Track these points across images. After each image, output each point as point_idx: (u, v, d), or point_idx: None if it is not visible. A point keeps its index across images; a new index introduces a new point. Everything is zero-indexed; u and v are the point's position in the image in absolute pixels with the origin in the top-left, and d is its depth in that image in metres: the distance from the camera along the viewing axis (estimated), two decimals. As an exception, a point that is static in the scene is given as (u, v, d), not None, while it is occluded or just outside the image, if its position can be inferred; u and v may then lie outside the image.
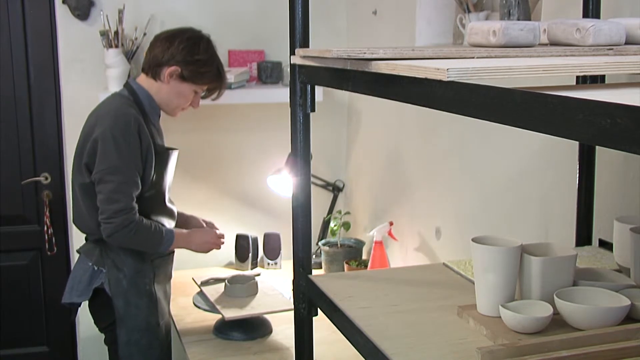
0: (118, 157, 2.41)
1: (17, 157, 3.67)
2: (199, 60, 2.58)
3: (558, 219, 2.10)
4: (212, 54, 2.64)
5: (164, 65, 2.57)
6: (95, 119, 2.51)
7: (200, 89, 2.65)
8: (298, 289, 1.65)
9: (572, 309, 1.30)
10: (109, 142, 2.41)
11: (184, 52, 2.56)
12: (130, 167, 2.44)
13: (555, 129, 0.74)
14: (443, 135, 2.71)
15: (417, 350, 1.27)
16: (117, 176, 2.41)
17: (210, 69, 2.62)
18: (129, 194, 2.43)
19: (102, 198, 2.42)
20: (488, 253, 1.37)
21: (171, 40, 2.58)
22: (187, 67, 2.57)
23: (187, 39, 2.59)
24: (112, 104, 2.54)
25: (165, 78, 2.58)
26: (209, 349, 2.61)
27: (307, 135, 1.60)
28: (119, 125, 2.43)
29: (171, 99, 2.63)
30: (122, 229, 2.41)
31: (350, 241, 3.29)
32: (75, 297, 2.56)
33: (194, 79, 2.60)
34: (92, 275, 2.54)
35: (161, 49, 2.58)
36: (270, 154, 3.54)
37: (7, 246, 3.76)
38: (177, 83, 2.59)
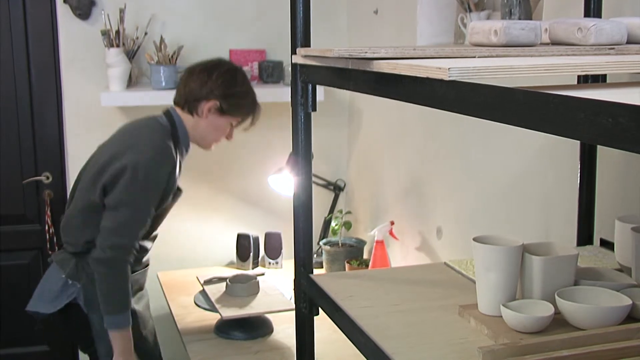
0: (140, 193, 2.37)
1: (18, 156, 3.68)
2: (238, 92, 2.56)
3: (559, 218, 2.10)
4: (249, 85, 2.62)
5: (202, 99, 2.52)
6: (129, 141, 2.43)
7: (236, 120, 2.61)
8: (299, 288, 1.65)
9: (574, 308, 1.30)
10: (137, 176, 2.35)
11: (222, 85, 2.52)
12: (147, 207, 2.40)
13: (556, 129, 0.74)
14: (444, 135, 2.71)
15: (418, 350, 1.27)
16: (132, 211, 2.37)
17: (247, 100, 2.60)
18: (135, 232, 2.38)
19: (109, 226, 2.36)
20: (489, 252, 1.37)
21: (208, 74, 2.53)
22: (225, 100, 2.53)
23: (224, 72, 2.55)
24: (153, 134, 2.47)
25: (204, 113, 2.53)
26: (210, 348, 2.61)
27: (308, 135, 1.60)
28: (155, 163, 2.39)
29: (208, 133, 2.59)
30: (111, 263, 2.35)
31: (351, 240, 3.29)
32: (41, 307, 2.48)
33: (233, 112, 2.56)
34: (63, 288, 2.46)
35: (198, 83, 2.53)
36: (271, 153, 3.54)
37: (8, 245, 3.77)
38: (215, 117, 2.55)
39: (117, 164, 2.37)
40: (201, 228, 3.58)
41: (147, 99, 3.20)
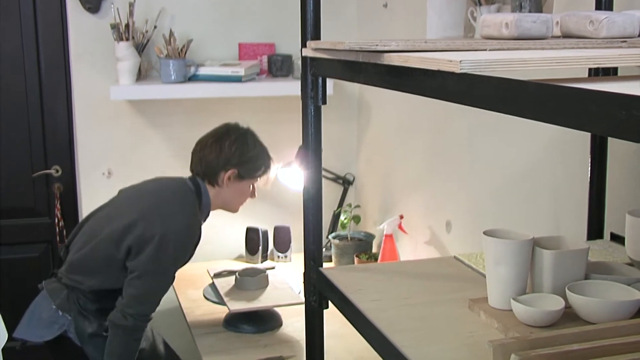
0: (167, 264, 2.41)
1: (28, 149, 3.69)
2: (252, 156, 2.61)
3: (569, 212, 2.09)
4: (260, 144, 2.68)
5: (220, 170, 2.58)
6: (160, 208, 2.44)
7: (257, 180, 2.67)
8: (309, 282, 1.65)
9: (584, 302, 1.30)
10: (167, 248, 2.37)
11: (237, 153, 2.58)
12: (172, 275, 2.45)
13: (569, 121, 0.73)
14: (454, 128, 2.71)
15: (427, 343, 1.27)
16: (158, 281, 2.41)
17: (263, 160, 2.65)
18: (158, 300, 2.42)
19: (134, 293, 2.37)
20: (500, 246, 1.37)
21: (220, 144, 2.59)
22: (242, 166, 2.59)
23: (235, 140, 2.59)
24: (186, 206, 2.50)
25: (225, 182, 2.58)
26: (219, 341, 2.61)
27: (318, 128, 1.59)
28: (184, 237, 2.44)
29: (233, 199, 2.66)
30: (131, 330, 2.37)
31: (360, 234, 3.29)
32: (30, 335, 2.48)
33: (252, 174, 2.63)
34: (54, 318, 2.47)
35: (214, 155, 2.58)
36: (280, 147, 3.53)
37: (19, 238, 3.78)
38: (235, 183, 2.61)
39: (145, 228, 2.39)
40: (210, 222, 3.55)
41: (157, 92, 3.20)
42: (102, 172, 3.45)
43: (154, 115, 3.43)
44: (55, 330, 2.46)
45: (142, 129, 3.43)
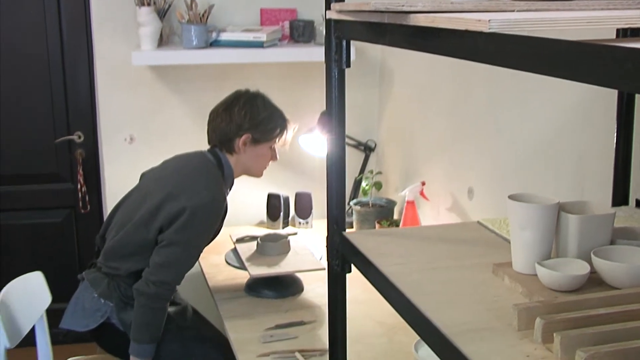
0: (194, 236, 2.43)
1: (51, 116, 3.70)
2: (264, 119, 2.61)
3: (594, 178, 2.07)
4: (272, 107, 2.67)
5: (234, 137, 2.59)
6: (185, 183, 2.48)
7: (274, 142, 2.66)
8: (332, 246, 1.65)
9: (610, 267, 1.29)
10: (194, 219, 2.40)
11: (247, 117, 2.58)
12: (198, 248, 2.48)
13: (602, 80, 0.72)
14: (476, 95, 2.68)
15: (451, 307, 1.27)
16: (183, 251, 2.42)
17: (276, 122, 2.65)
18: (182, 271, 2.45)
19: (158, 261, 2.41)
20: (525, 210, 1.36)
21: (230, 111, 2.60)
22: (256, 130, 2.59)
23: (244, 104, 2.60)
24: (210, 179, 2.52)
25: (240, 148, 2.59)
26: (241, 306, 2.63)
27: (342, 92, 1.58)
28: (211, 209, 2.46)
29: (253, 164, 2.66)
30: (153, 298, 2.40)
31: (381, 201, 3.29)
32: (75, 324, 2.52)
33: (267, 137, 2.63)
34: (96, 306, 2.50)
35: (226, 123, 2.59)
36: (302, 113, 3.52)
37: (42, 204, 3.82)
38: (252, 148, 2.62)
39: (173, 205, 2.42)
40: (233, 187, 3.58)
41: (178, 58, 3.20)
42: (124, 137, 3.46)
43: (176, 81, 3.43)
44: (98, 318, 2.50)
45: (163, 94, 3.43)
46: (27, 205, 3.81)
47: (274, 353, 2.24)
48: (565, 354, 1.05)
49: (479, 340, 1.14)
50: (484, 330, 1.17)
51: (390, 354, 2.24)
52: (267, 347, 2.30)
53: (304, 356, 2.21)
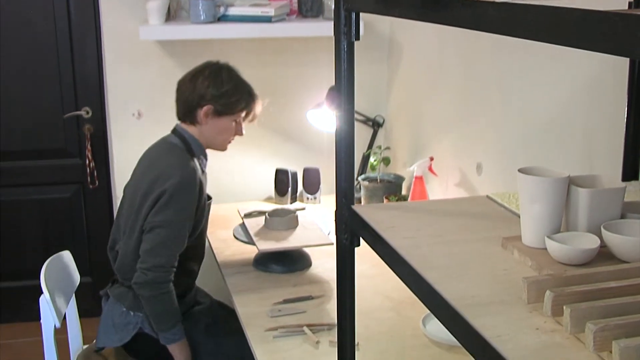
0: (174, 213, 2.42)
1: (59, 91, 3.70)
2: (227, 91, 2.56)
3: (603, 154, 2.06)
4: (237, 80, 2.61)
5: (196, 107, 2.55)
6: (153, 174, 2.47)
7: (239, 117, 2.62)
8: (340, 220, 1.64)
9: (620, 241, 1.28)
10: (171, 199, 2.41)
11: (210, 88, 2.54)
12: (182, 226, 2.45)
13: (616, 48, 0.71)
14: (485, 70, 2.67)
15: (461, 280, 1.26)
16: (167, 231, 2.42)
17: (240, 95, 2.59)
18: (172, 251, 2.43)
19: (146, 248, 2.42)
20: (535, 183, 1.35)
21: (194, 81, 2.56)
22: (218, 101, 2.55)
23: (208, 75, 2.56)
24: (173, 158, 2.51)
25: (202, 119, 2.56)
26: (249, 280, 2.63)
27: (351, 65, 1.57)
28: (183, 186, 2.43)
29: (215, 136, 2.62)
30: (153, 284, 2.40)
31: (389, 176, 3.28)
32: (110, 341, 2.56)
33: (229, 110, 2.58)
34: (127, 320, 2.53)
35: (188, 93, 2.56)
36: (310, 88, 3.52)
37: (51, 179, 3.83)
38: (215, 120, 2.58)
39: (150, 198, 2.43)
40: (240, 163, 3.58)
41: (186, 32, 3.19)
42: (132, 113, 3.46)
43: (183, 56, 3.42)
44: (131, 330, 2.53)
45: (171, 69, 3.42)
46: (35, 181, 3.82)
47: (282, 327, 2.25)
48: (574, 326, 1.04)
49: (488, 313, 1.13)
50: (493, 304, 1.17)
51: (398, 328, 2.25)
52: (275, 321, 2.30)
53: (312, 330, 2.22)
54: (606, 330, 1.00)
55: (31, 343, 3.66)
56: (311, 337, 2.18)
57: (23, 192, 3.81)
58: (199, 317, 2.62)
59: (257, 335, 2.22)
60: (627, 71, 1.82)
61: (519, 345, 1.04)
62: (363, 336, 2.15)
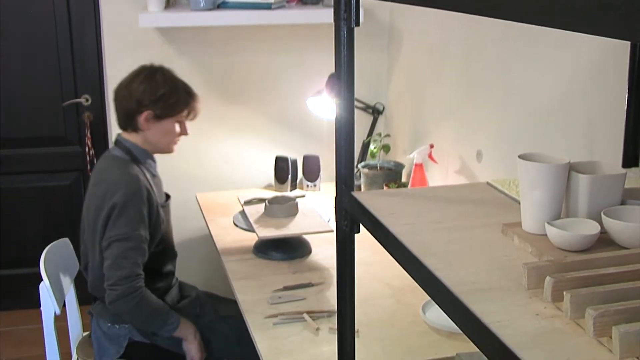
0: (126, 224, 2.40)
1: (58, 78, 3.70)
2: (164, 94, 2.52)
3: (604, 140, 2.06)
4: (173, 81, 2.58)
5: (135, 114, 2.52)
6: (104, 190, 2.45)
7: (181, 117, 2.59)
8: (340, 206, 1.64)
9: (620, 227, 1.28)
10: (120, 211, 2.40)
11: (146, 93, 2.50)
12: (138, 234, 2.42)
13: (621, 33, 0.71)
14: (486, 56, 2.66)
15: (461, 267, 1.26)
16: (124, 243, 2.40)
17: (178, 96, 2.56)
18: (134, 260, 2.40)
19: (108, 264, 2.41)
20: (536, 170, 1.35)
21: (129, 88, 2.53)
22: (156, 105, 2.52)
23: (143, 80, 2.53)
24: (118, 171, 2.49)
25: (143, 125, 2.53)
26: (249, 268, 2.63)
27: (351, 51, 1.56)
28: (129, 195, 2.42)
29: (160, 140, 2.59)
30: (125, 297, 2.38)
31: (389, 164, 3.28)
32: (107, 355, 2.56)
33: (169, 112, 2.55)
34: (116, 333, 2.55)
35: (126, 101, 2.53)
36: (310, 75, 3.51)
37: (50, 167, 3.82)
38: (156, 124, 2.55)
39: (102, 215, 2.42)
40: (239, 150, 3.58)
41: (186, 19, 3.18)
42: (131, 100, 3.44)
43: (183, 43, 3.41)
44: (122, 342, 2.54)
45: (171, 57, 3.41)
46: (35, 168, 3.82)
47: (282, 314, 2.25)
48: (574, 312, 1.04)
49: (489, 299, 1.13)
50: (493, 290, 1.17)
51: (398, 315, 2.25)
52: (275, 308, 2.31)
53: (312, 317, 2.22)
54: (606, 316, 1.00)
55: (31, 330, 3.67)
56: (311, 324, 2.19)
57: (23, 180, 3.81)
58: (188, 311, 2.62)
59: (257, 322, 2.22)
60: (627, 58, 1.82)
61: (518, 331, 1.04)
62: (363, 323, 2.15)
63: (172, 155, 2.74)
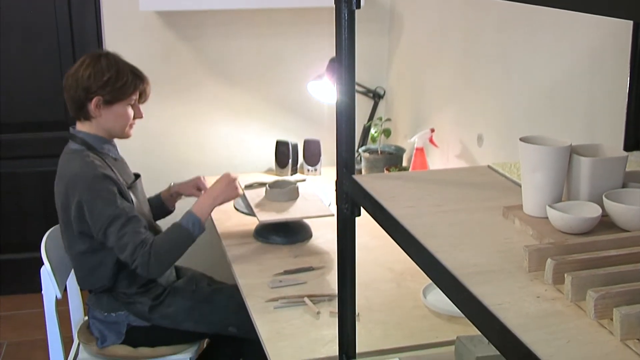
0: (104, 207, 2.39)
1: (58, 64, 3.69)
2: (110, 77, 2.48)
3: (605, 124, 2.05)
4: (118, 64, 2.53)
5: (85, 102, 2.49)
6: (65, 186, 2.45)
7: (131, 100, 2.55)
8: (341, 189, 1.64)
9: (622, 210, 1.28)
10: (91, 201, 2.39)
11: (91, 79, 2.46)
12: (121, 209, 2.41)
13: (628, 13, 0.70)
14: (486, 40, 2.65)
15: (462, 249, 1.26)
16: (114, 225, 2.39)
17: (125, 79, 2.51)
18: (131, 233, 2.40)
19: (116, 250, 2.43)
20: (537, 152, 1.34)
21: (75, 76, 2.49)
22: (104, 90, 2.47)
23: (87, 66, 2.48)
24: (73, 164, 2.47)
25: (94, 112, 2.50)
26: (250, 252, 2.64)
27: (352, 34, 1.56)
28: (90, 181, 2.40)
29: (113, 125, 2.55)
30: (148, 262, 2.40)
31: (390, 148, 3.28)
32: (109, 340, 2.57)
33: (118, 96, 2.51)
34: (114, 321, 2.57)
35: (74, 89, 2.49)
36: (310, 59, 3.50)
37: (51, 151, 3.81)
38: (107, 109, 2.51)
39: (72, 209, 2.42)
40: (240, 135, 3.58)
41: (187, 3, 3.16)
42: (131, 84, 3.44)
43: (184, 28, 3.40)
44: (122, 329, 2.57)
45: (171, 41, 3.41)
46: (35, 153, 3.82)
47: (282, 298, 2.25)
48: (575, 294, 1.04)
49: (490, 282, 1.13)
50: (494, 272, 1.17)
51: (398, 299, 2.26)
52: (275, 292, 2.31)
53: (312, 301, 2.22)
54: (607, 298, 1.00)
55: (32, 314, 3.69)
56: (312, 307, 2.19)
57: (23, 165, 3.81)
58: (183, 288, 2.65)
59: (258, 306, 2.23)
60: (629, 41, 1.81)
61: (519, 313, 1.04)
62: (364, 307, 2.15)
63: (173, 140, 2.74)
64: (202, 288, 2.69)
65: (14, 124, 3.73)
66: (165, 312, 2.58)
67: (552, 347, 0.95)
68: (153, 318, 2.57)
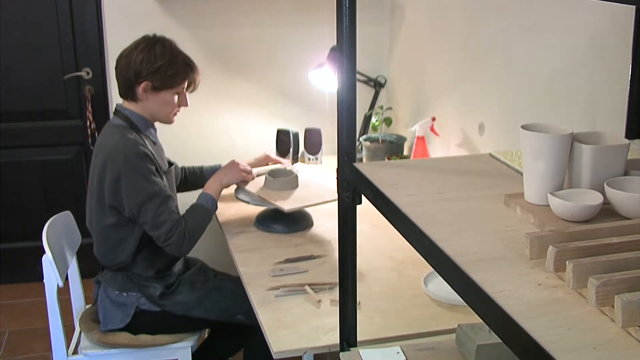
0: (144, 184, 2.43)
1: (59, 52, 3.68)
2: (162, 65, 2.52)
3: (607, 113, 2.05)
4: (172, 53, 2.56)
5: (134, 84, 2.53)
6: (104, 158, 2.47)
7: (180, 89, 2.59)
8: (342, 177, 1.64)
9: (623, 197, 1.28)
10: (129, 176, 2.42)
11: (143, 64, 2.50)
12: (158, 188, 2.45)
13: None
14: (488, 29, 2.65)
15: (463, 237, 1.26)
16: (152, 201, 2.43)
17: (176, 68, 2.55)
18: (169, 211, 2.46)
19: (149, 227, 2.46)
20: (539, 140, 1.34)
21: (128, 58, 2.52)
22: (154, 77, 2.52)
23: (142, 51, 2.52)
24: (115, 138, 2.50)
25: (142, 95, 2.53)
26: (250, 240, 2.64)
27: (352, 22, 1.55)
28: (131, 157, 2.43)
29: (158, 111, 2.59)
30: (182, 242, 2.47)
31: (391, 137, 3.27)
32: (112, 323, 2.57)
33: (167, 84, 2.55)
34: (123, 301, 2.57)
35: (125, 71, 2.53)
36: (311, 48, 3.49)
37: (51, 141, 3.82)
38: (154, 95, 2.55)
39: (108, 183, 2.44)
40: (241, 123, 3.57)
41: (187, -10, 3.15)
42: (132, 73, 3.43)
43: (184, 15, 3.39)
44: (130, 310, 2.57)
45: (172, 29, 3.39)
46: (36, 142, 3.81)
47: (283, 287, 2.25)
48: (577, 282, 1.04)
49: (491, 269, 1.13)
50: (495, 259, 1.17)
51: (399, 287, 2.26)
52: (276, 280, 2.31)
53: (313, 290, 2.22)
54: (608, 285, 1.00)
55: (34, 303, 3.69)
56: (313, 296, 2.19)
57: (24, 154, 3.81)
58: (192, 279, 2.65)
59: (259, 294, 2.23)
60: (631, 28, 1.81)
61: (521, 301, 1.04)
62: (364, 295, 2.15)
63: (173, 128, 2.74)
64: (210, 278, 2.70)
65: (15, 113, 3.72)
66: (176, 299, 2.59)
67: (554, 334, 0.95)
68: (164, 304, 2.57)
